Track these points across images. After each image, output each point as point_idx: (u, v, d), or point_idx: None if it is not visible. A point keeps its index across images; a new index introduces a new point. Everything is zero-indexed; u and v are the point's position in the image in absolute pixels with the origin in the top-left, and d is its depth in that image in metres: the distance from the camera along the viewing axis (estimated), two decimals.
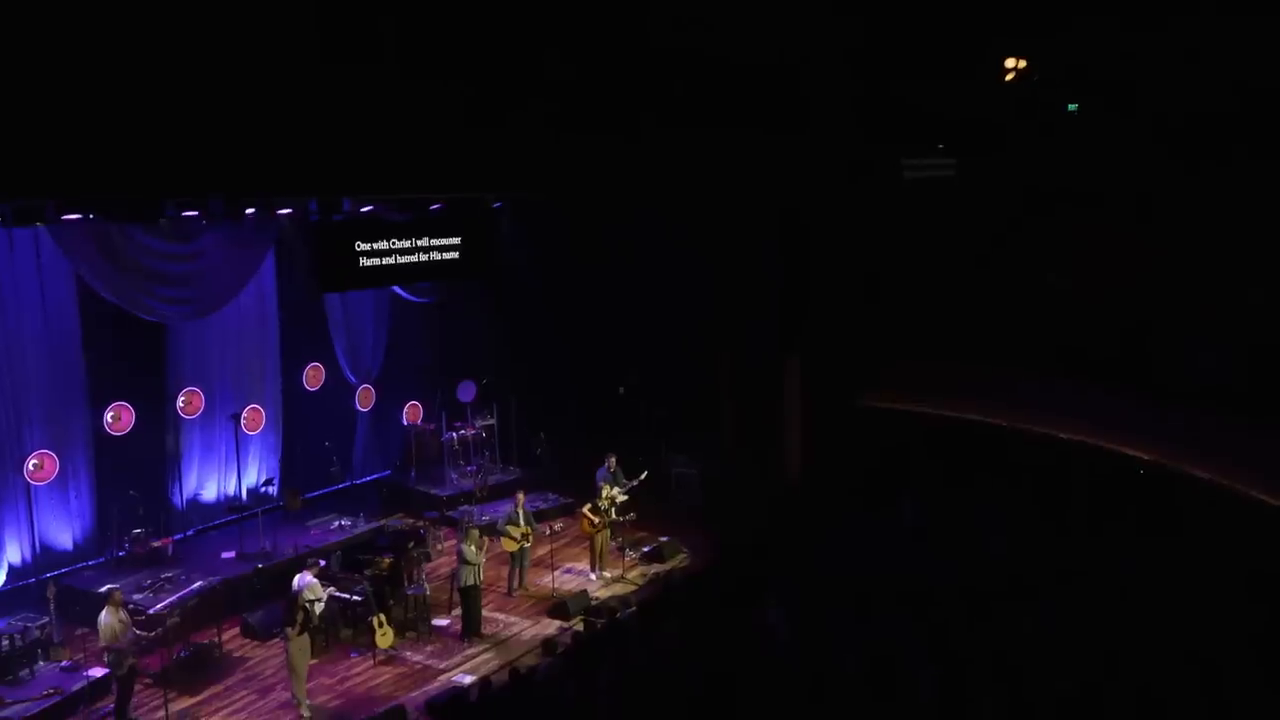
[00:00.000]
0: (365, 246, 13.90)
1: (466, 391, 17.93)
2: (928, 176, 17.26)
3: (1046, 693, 10.17)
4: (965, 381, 16.83)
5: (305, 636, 11.34)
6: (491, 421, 18.07)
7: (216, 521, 15.38)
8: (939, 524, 15.16)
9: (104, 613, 10.83)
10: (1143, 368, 15.54)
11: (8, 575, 13.05)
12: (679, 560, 15.24)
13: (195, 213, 12.90)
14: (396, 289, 17.13)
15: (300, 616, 11.26)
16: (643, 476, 15.01)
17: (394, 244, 14.22)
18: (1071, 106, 16.48)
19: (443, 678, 11.96)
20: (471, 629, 13.00)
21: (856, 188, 16.64)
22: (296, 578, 11.98)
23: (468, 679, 11.74)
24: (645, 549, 15.32)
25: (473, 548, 12.82)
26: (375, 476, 17.89)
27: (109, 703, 11.03)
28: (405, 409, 18.30)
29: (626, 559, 15.03)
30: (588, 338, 17.85)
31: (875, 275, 17.20)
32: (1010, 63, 15.05)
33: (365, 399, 17.65)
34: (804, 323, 16.89)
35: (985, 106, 16.42)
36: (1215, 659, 10.73)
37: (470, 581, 12.84)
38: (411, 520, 16.03)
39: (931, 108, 16.61)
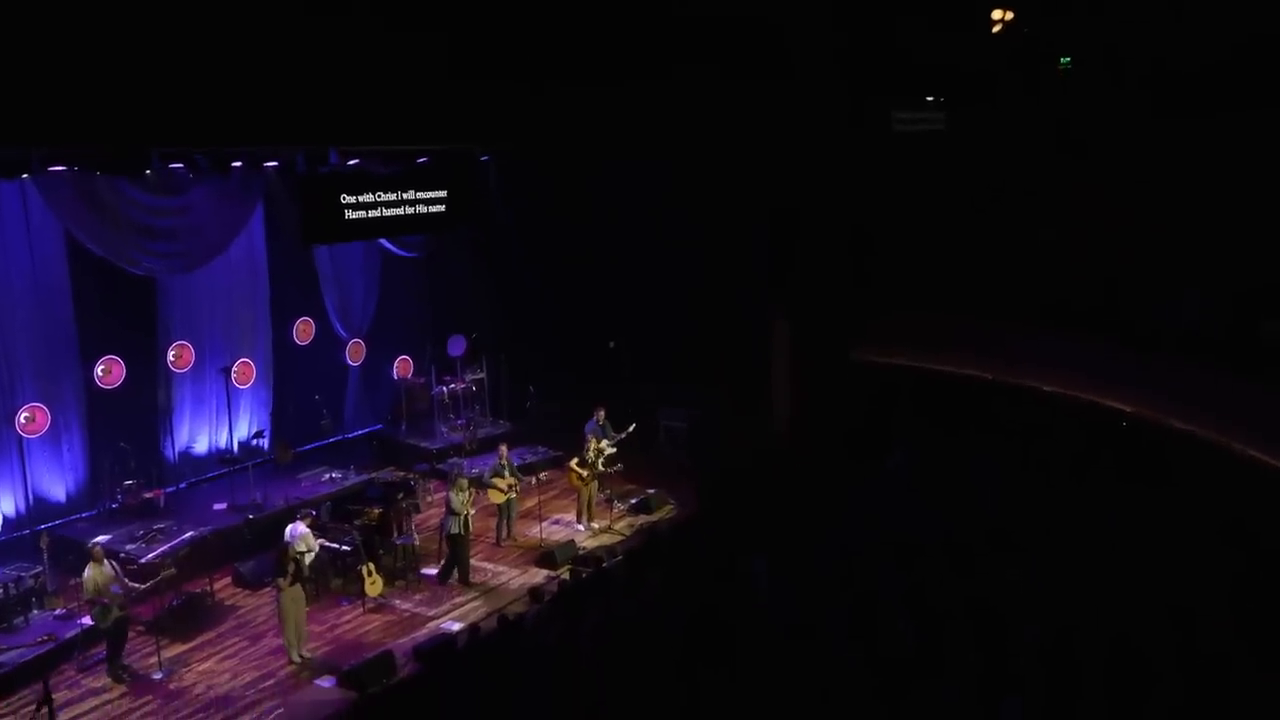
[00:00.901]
0: (351, 199, 13.94)
1: (456, 346, 18.03)
2: (918, 130, 17.26)
3: (1022, 641, 10.39)
4: (952, 335, 16.94)
5: (298, 586, 11.51)
6: (481, 376, 18.20)
7: (209, 474, 15.54)
8: (925, 476, 15.35)
9: (86, 568, 11.02)
10: (1126, 320, 15.65)
11: (2, 526, 13.19)
12: (666, 512, 15.43)
13: (181, 165, 12.90)
14: (385, 243, 17.16)
15: (291, 567, 11.43)
16: (631, 429, 15.16)
17: (380, 196, 14.25)
18: (1064, 60, 16.44)
19: (431, 625, 12.19)
20: (455, 577, 13.20)
21: (846, 141, 16.63)
22: (288, 528, 12.18)
23: (455, 626, 11.95)
24: (633, 501, 15.51)
25: (461, 497, 12.98)
26: (366, 430, 18.02)
27: (102, 649, 11.24)
28: (396, 363, 18.39)
29: (614, 510, 15.21)
30: (577, 293, 17.93)
31: (864, 229, 17.24)
32: (997, 14, 14.98)
33: (356, 353, 17.74)
34: (792, 277, 16.94)
35: (975, 58, 16.39)
36: (1189, 607, 10.95)
37: (456, 530, 13.02)
38: (402, 473, 16.17)
39: (921, 59, 16.59)
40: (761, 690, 9.65)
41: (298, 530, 11.98)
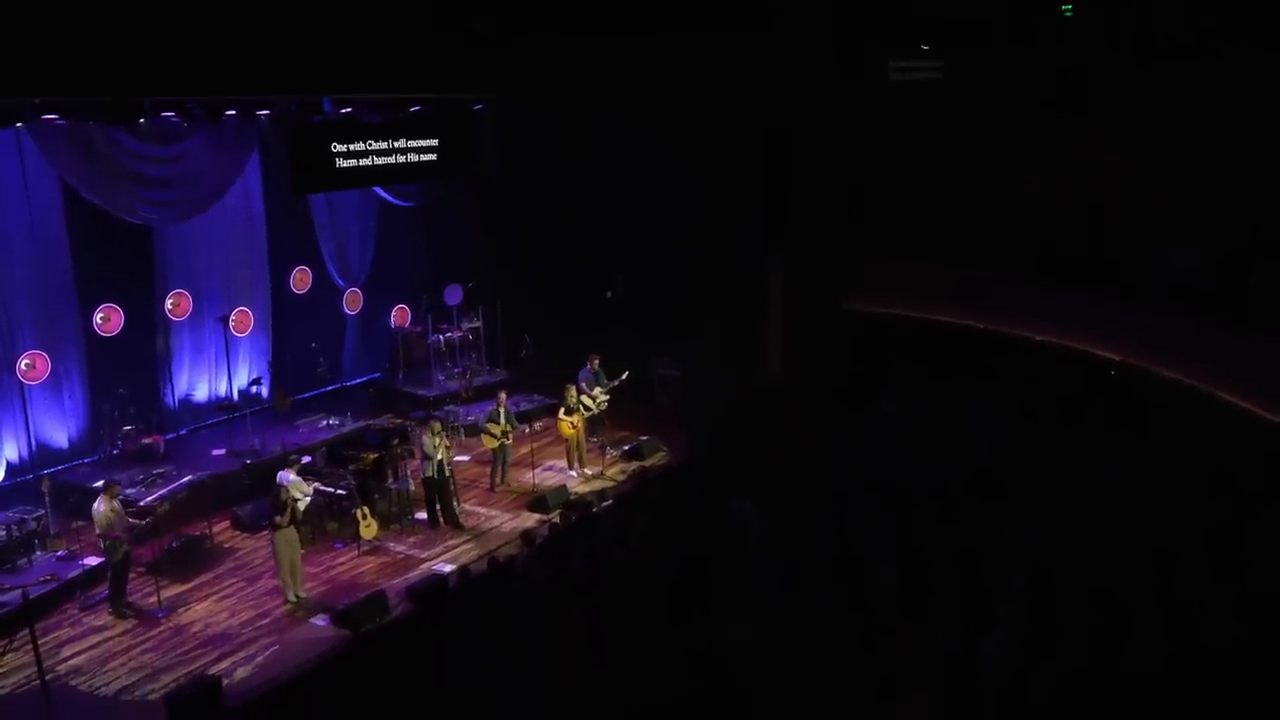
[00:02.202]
0: (342, 148, 14.00)
1: (453, 295, 18.18)
2: (916, 79, 17.18)
3: (1006, 585, 10.61)
4: (945, 284, 17.01)
5: (292, 529, 11.76)
6: (478, 324, 18.37)
7: (209, 421, 15.81)
8: (916, 424, 15.53)
9: (99, 501, 11.30)
10: (1117, 271, 15.70)
11: (6, 472, 13.48)
12: (658, 457, 15.64)
13: (174, 115, 12.95)
14: (382, 192, 17.26)
15: (286, 510, 11.68)
16: (624, 377, 15.33)
17: (371, 145, 14.32)
18: (1066, 8, 16.32)
19: (423, 567, 12.45)
20: (443, 519, 13.44)
21: (843, 91, 16.60)
22: (280, 474, 12.40)
23: (447, 568, 12.20)
24: (625, 447, 15.73)
25: (433, 441, 13.20)
26: (365, 378, 18.25)
27: (103, 589, 11.55)
28: (393, 312, 18.56)
29: (607, 456, 15.43)
30: (574, 243, 18.01)
31: (859, 179, 17.24)
32: None
33: (353, 302, 17.90)
34: (787, 226, 17.00)
35: (975, 6, 16.31)
36: (1170, 550, 11.15)
37: (430, 474, 13.28)
38: (399, 420, 16.40)
39: (920, 8, 16.51)
40: (746, 632, 9.90)
41: (288, 477, 12.20)
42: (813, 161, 16.84)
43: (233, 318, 15.70)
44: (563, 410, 15.01)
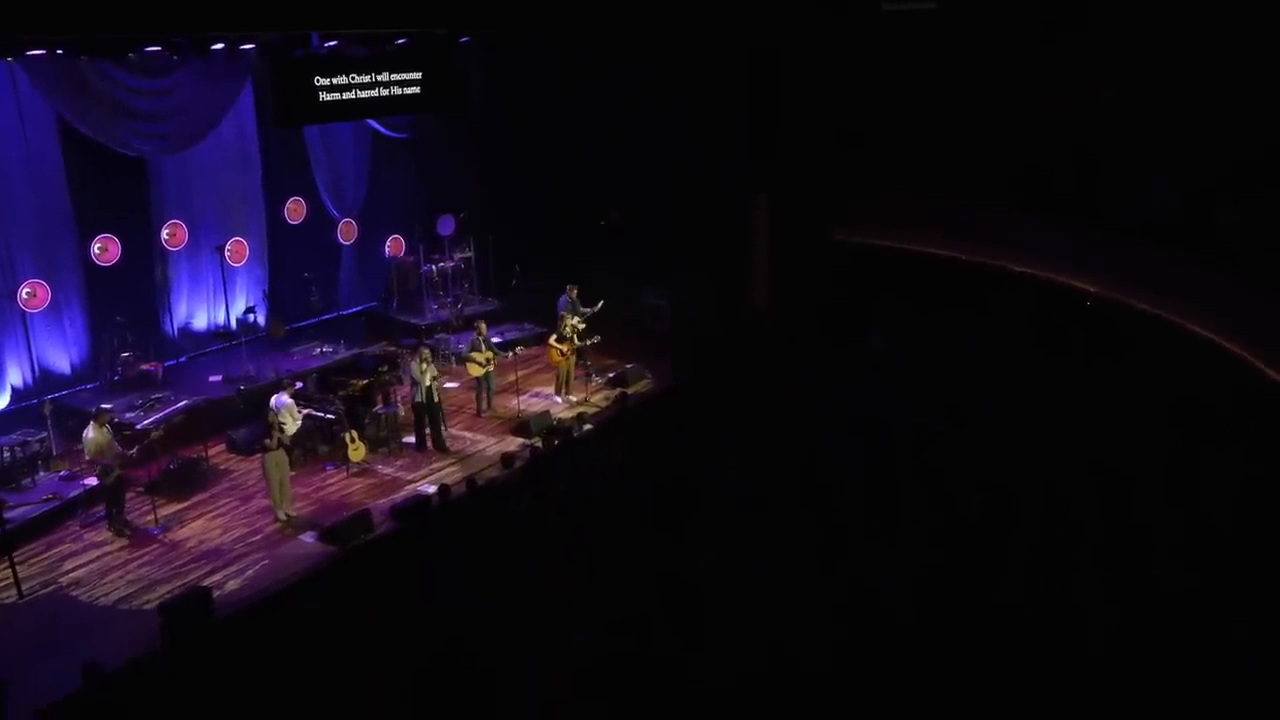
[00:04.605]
0: (325, 81, 14.19)
1: (446, 225, 18.49)
2: (908, 9, 17.18)
3: (968, 504, 11.04)
4: (931, 215, 17.18)
5: (281, 451, 12.27)
6: (469, 254, 18.70)
7: (207, 349, 16.27)
8: (899, 353, 15.87)
9: (89, 428, 11.82)
10: (1096, 205, 15.86)
11: (11, 397, 13.98)
12: (642, 386, 16.06)
13: (160, 49, 13.18)
14: (374, 124, 17.45)
15: (275, 433, 12.19)
16: (600, 304, 15.70)
17: (354, 79, 14.50)
18: None
19: (409, 488, 12.98)
20: (431, 443, 13.94)
21: (832, 18, 16.63)
22: (273, 398, 12.90)
23: (430, 489, 12.71)
24: (610, 375, 16.14)
25: (420, 367, 13.65)
26: (361, 307, 18.65)
27: (102, 508, 12.12)
28: (388, 242, 18.89)
29: (592, 384, 15.86)
30: (564, 175, 18.21)
31: (849, 109, 17.32)
32: None
33: (348, 232, 18.22)
34: (773, 158, 17.15)
35: None
36: (1127, 474, 11.55)
37: (419, 399, 13.78)
38: (392, 348, 16.83)
39: None
40: (716, 554, 10.35)
41: (281, 400, 12.70)
42: (801, 90, 16.92)
43: (229, 248, 16.06)
44: (554, 337, 15.41)
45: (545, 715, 8.31)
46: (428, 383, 13.68)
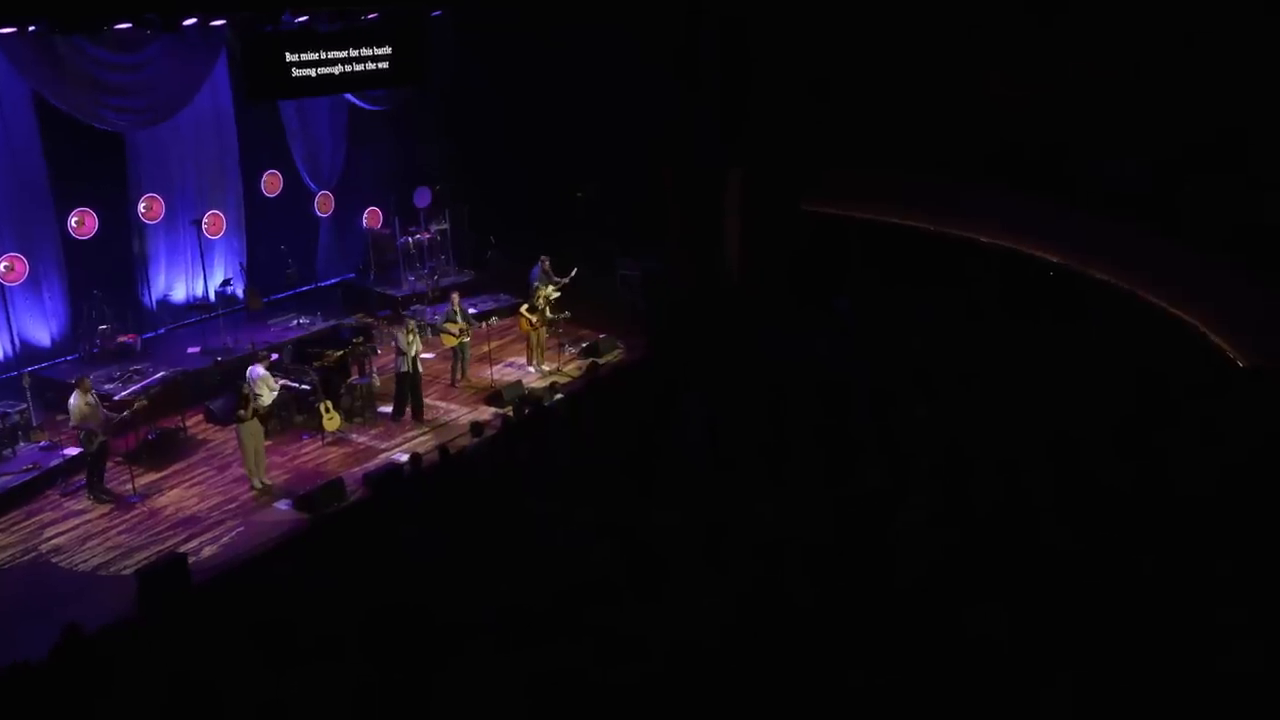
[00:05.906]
0: (295, 57, 14.35)
1: (422, 197, 18.68)
2: None
3: (921, 467, 11.34)
4: (901, 187, 17.42)
5: (256, 421, 12.55)
6: (445, 226, 18.90)
7: (186, 321, 16.50)
8: (866, 321, 16.16)
9: (73, 396, 12.08)
10: (1063, 177, 16.13)
11: None
12: (614, 355, 16.33)
13: (129, 24, 13.31)
14: (351, 97, 17.61)
15: (250, 403, 12.46)
16: (572, 274, 15.94)
17: (324, 54, 14.66)
18: None
19: (382, 456, 13.29)
20: (404, 413, 14.27)
21: None
22: (249, 369, 13.15)
23: (403, 457, 13.00)
24: (583, 345, 16.42)
25: (406, 338, 13.92)
26: (338, 279, 18.87)
27: (82, 477, 12.41)
28: (365, 214, 19.08)
29: (564, 354, 16.15)
30: (538, 147, 18.37)
31: (820, 81, 17.48)
32: None
33: (325, 205, 18.41)
34: (745, 128, 17.33)
35: None
36: (1076, 439, 11.87)
37: (405, 369, 14.05)
38: (369, 319, 17.09)
39: None
40: (680, 516, 10.66)
41: (257, 372, 12.96)
42: (772, 60, 17.06)
43: (205, 220, 16.26)
44: (525, 307, 15.67)
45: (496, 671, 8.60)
46: (413, 353, 13.96)
